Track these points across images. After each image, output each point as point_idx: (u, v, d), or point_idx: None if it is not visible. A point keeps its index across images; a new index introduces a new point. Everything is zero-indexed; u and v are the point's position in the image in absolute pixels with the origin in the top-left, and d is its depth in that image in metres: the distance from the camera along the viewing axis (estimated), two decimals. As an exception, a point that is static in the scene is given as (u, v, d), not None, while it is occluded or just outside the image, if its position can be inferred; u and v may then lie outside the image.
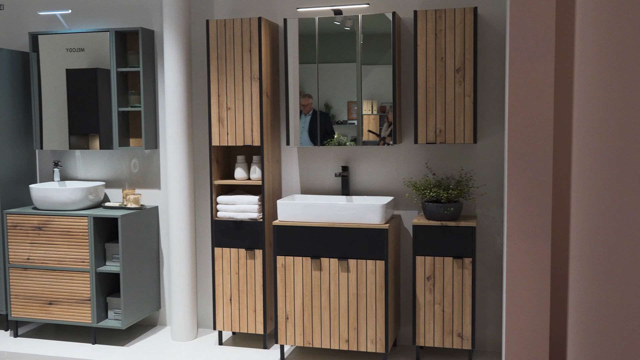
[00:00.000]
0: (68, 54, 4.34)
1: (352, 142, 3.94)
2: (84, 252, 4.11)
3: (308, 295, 3.75)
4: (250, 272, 3.99)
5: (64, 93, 4.39)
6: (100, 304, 4.16)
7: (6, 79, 4.36)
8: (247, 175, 4.08)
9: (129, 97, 4.36)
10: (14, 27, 4.65)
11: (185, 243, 4.22)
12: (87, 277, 4.11)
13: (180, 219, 4.20)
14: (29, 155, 4.59)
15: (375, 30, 3.82)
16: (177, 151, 4.16)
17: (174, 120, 4.15)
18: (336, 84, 3.94)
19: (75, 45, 4.33)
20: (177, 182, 4.18)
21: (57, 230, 4.15)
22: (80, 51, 4.33)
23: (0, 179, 4.34)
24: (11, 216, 4.24)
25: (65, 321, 4.17)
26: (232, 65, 3.92)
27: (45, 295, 4.20)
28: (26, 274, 4.23)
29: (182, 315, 4.24)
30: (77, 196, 4.19)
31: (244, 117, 3.93)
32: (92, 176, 4.60)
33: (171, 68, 4.12)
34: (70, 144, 4.41)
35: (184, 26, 4.12)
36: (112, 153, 4.54)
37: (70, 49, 4.34)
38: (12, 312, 4.27)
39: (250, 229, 3.97)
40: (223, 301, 4.05)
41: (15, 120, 4.44)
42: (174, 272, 4.23)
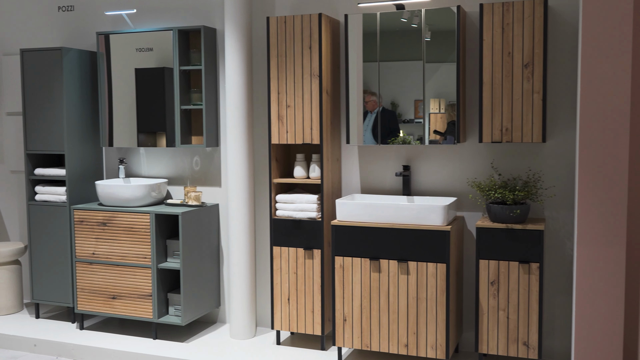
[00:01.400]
0: (137, 53, 4.41)
1: (418, 141, 3.83)
2: (146, 248, 4.16)
3: (366, 297, 3.67)
4: (309, 272, 3.94)
5: (133, 92, 4.47)
6: (161, 299, 4.21)
7: (75, 79, 4.47)
8: (306, 173, 4.03)
9: (191, 95, 4.39)
10: (82, 27, 4.77)
11: (244, 241, 4.21)
12: (149, 273, 4.17)
13: (239, 217, 4.19)
14: (96, 152, 4.70)
15: (439, 26, 3.69)
16: (237, 149, 4.16)
17: (234, 118, 4.15)
18: (402, 81, 3.84)
19: (144, 45, 4.39)
20: (237, 180, 4.17)
21: (121, 226, 4.22)
22: (148, 51, 4.39)
23: (69, 176, 4.45)
24: (78, 212, 4.34)
25: (127, 316, 4.24)
26: (292, 62, 3.88)
27: (109, 290, 4.28)
28: (91, 268, 4.33)
29: (241, 314, 4.24)
30: (140, 193, 4.25)
31: (304, 115, 3.88)
32: (156, 173, 4.66)
33: (232, 66, 4.12)
34: (138, 142, 4.48)
35: (245, 24, 4.11)
36: (174, 151, 4.59)
37: (139, 48, 4.41)
38: (78, 305, 4.38)
39: (308, 229, 3.92)
40: (281, 301, 4.02)
41: (83, 119, 4.55)
42: (233, 270, 4.23)
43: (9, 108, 5.06)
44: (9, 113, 5.07)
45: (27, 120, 4.53)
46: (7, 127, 5.09)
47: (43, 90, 4.45)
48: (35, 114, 4.50)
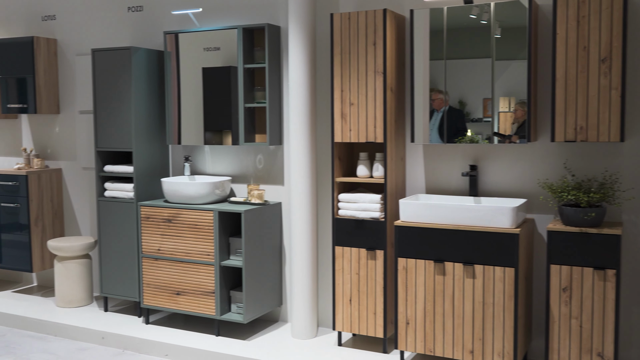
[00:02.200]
0: (205, 53, 4.45)
1: (486, 140, 3.69)
2: (209, 245, 4.19)
3: (430, 300, 3.56)
4: (371, 273, 3.87)
5: (200, 90, 4.51)
6: (224, 297, 4.23)
7: (143, 77, 4.55)
8: (369, 172, 3.96)
9: (255, 93, 4.39)
10: (150, 27, 4.85)
11: (306, 240, 4.17)
12: (212, 270, 4.19)
13: (302, 215, 4.16)
14: (162, 150, 4.77)
15: (509, 22, 3.53)
16: (300, 147, 4.12)
17: (297, 116, 4.11)
18: (469, 80, 3.71)
19: (211, 45, 4.42)
20: (299, 179, 4.14)
21: (185, 223, 4.27)
22: (215, 50, 4.42)
23: (137, 173, 4.54)
24: (144, 208, 4.42)
25: (191, 312, 4.29)
26: (356, 59, 3.81)
27: (174, 286, 4.34)
28: (157, 264, 4.40)
29: (302, 313, 4.21)
30: (204, 190, 4.29)
31: (367, 113, 3.81)
32: (220, 171, 4.69)
33: (296, 63, 4.08)
34: (204, 140, 4.52)
35: (309, 21, 4.07)
36: (238, 149, 4.60)
37: (207, 48, 4.44)
38: (144, 300, 4.46)
39: (371, 229, 3.85)
40: (343, 301, 3.96)
41: (150, 117, 4.63)
42: (295, 269, 4.21)
43: (82, 107, 5.21)
44: (82, 111, 5.22)
45: (98, 119, 4.64)
46: (80, 125, 5.24)
47: (112, 89, 4.56)
48: (105, 112, 4.61)
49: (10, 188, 5.13)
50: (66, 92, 5.30)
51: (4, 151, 5.67)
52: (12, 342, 4.44)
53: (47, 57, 5.20)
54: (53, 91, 5.26)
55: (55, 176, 5.32)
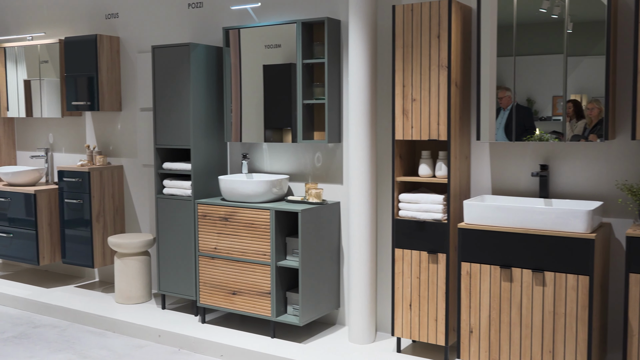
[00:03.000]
0: (266, 50, 4.37)
1: (556, 139, 3.45)
2: (265, 245, 4.10)
3: (496, 308, 3.35)
4: (432, 278, 3.68)
5: (260, 87, 4.42)
6: (279, 298, 4.13)
7: (202, 74, 4.51)
8: (432, 172, 3.77)
9: (313, 90, 4.27)
10: (210, 23, 4.81)
11: (365, 241, 4.03)
12: (268, 270, 4.10)
13: (361, 216, 4.01)
14: (220, 147, 4.72)
15: (584, 16, 3.28)
16: (359, 145, 3.98)
17: (357, 112, 3.97)
18: (539, 76, 3.48)
19: (272, 42, 4.33)
20: (358, 178, 4.00)
21: (242, 221, 4.19)
22: (276, 47, 4.33)
23: (194, 170, 4.50)
24: (201, 206, 4.37)
25: (246, 312, 4.21)
26: (419, 53, 3.64)
27: (230, 285, 4.27)
28: (213, 263, 4.34)
29: (360, 317, 4.06)
30: (261, 189, 4.20)
31: (430, 109, 3.63)
32: (278, 169, 4.60)
33: (356, 58, 3.94)
34: (265, 137, 4.43)
35: (369, 14, 3.92)
36: (296, 146, 4.50)
37: (268, 45, 4.36)
38: (200, 299, 4.42)
39: (433, 231, 3.66)
40: (402, 306, 3.79)
41: (209, 114, 4.58)
42: (353, 271, 4.06)
43: (143, 104, 5.23)
44: (142, 109, 5.24)
45: (157, 116, 4.63)
46: (141, 122, 5.26)
47: (172, 86, 4.53)
48: (164, 109, 4.59)
49: (73, 184, 5.20)
50: (128, 89, 5.33)
51: (69, 148, 5.76)
52: (72, 337, 4.48)
53: (110, 54, 5.24)
54: (115, 89, 5.31)
55: (117, 173, 5.37)
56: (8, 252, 5.51)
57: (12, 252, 5.49)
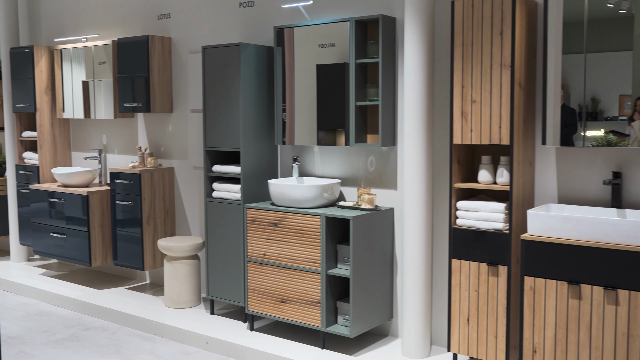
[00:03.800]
0: (320, 49, 4.21)
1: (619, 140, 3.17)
2: (315, 252, 3.94)
3: (562, 327, 3.09)
4: (492, 291, 3.45)
5: (313, 88, 4.27)
6: (330, 307, 3.97)
7: (252, 75, 4.39)
8: (492, 178, 3.53)
9: (367, 90, 4.09)
10: (261, 22, 4.69)
11: (420, 250, 3.82)
12: (318, 279, 3.94)
13: (416, 223, 3.81)
14: (271, 150, 4.59)
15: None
16: (415, 149, 3.78)
17: (412, 114, 3.77)
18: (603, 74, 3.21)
19: (326, 41, 4.17)
20: (414, 183, 3.79)
21: (291, 227, 4.05)
22: (330, 46, 4.17)
23: (244, 173, 4.39)
24: (250, 211, 4.25)
25: (295, 321, 4.07)
26: (479, 51, 3.40)
27: (279, 293, 4.14)
28: (262, 270, 4.22)
29: (414, 329, 3.86)
30: (312, 194, 4.05)
31: (491, 112, 3.39)
32: (329, 173, 4.44)
33: (411, 57, 3.74)
34: (318, 140, 4.27)
35: (427, 10, 3.70)
36: (349, 149, 4.32)
37: (322, 44, 4.20)
38: (249, 306, 4.30)
39: (494, 241, 3.43)
40: (459, 320, 3.57)
41: (259, 116, 4.46)
42: (407, 281, 3.86)
43: (193, 105, 5.16)
44: (193, 110, 5.17)
45: (207, 117, 4.54)
46: (191, 124, 5.19)
47: (222, 87, 4.43)
48: (214, 110, 4.50)
49: (125, 186, 5.17)
50: (179, 90, 5.27)
51: (121, 149, 5.76)
52: (121, 341, 4.44)
53: (162, 55, 5.19)
54: (167, 90, 5.26)
55: (168, 175, 5.32)
56: (62, 253, 5.55)
57: (65, 253, 5.51)
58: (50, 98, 5.99)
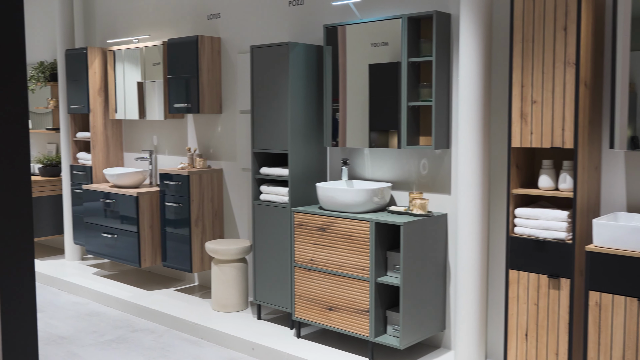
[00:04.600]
0: (372, 48, 4.06)
1: None
2: (364, 259, 3.79)
3: (632, 347, 2.84)
4: (553, 306, 3.22)
5: (366, 89, 4.11)
6: (379, 317, 3.81)
7: (301, 75, 4.27)
8: (554, 184, 3.30)
9: (420, 91, 3.91)
10: (310, 20, 4.56)
11: (475, 259, 3.62)
12: (367, 287, 3.79)
13: (470, 231, 3.61)
14: (320, 152, 4.46)
15: None
16: (470, 152, 3.57)
17: (468, 116, 3.57)
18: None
19: (379, 40, 4.02)
20: (468, 188, 3.59)
21: (339, 232, 3.91)
22: (383, 45, 4.01)
23: (292, 176, 4.27)
24: (298, 214, 4.13)
25: (342, 330, 3.92)
26: (541, 48, 3.18)
27: (326, 300, 4.00)
28: (309, 275, 4.09)
29: (468, 342, 3.66)
30: (361, 198, 3.89)
31: (554, 113, 3.16)
32: (380, 176, 4.27)
33: (467, 55, 3.54)
34: (370, 142, 4.11)
35: (484, 5, 3.50)
36: (400, 152, 4.15)
37: (375, 43, 4.05)
38: (296, 313, 4.18)
39: (555, 252, 3.20)
40: (517, 335, 3.35)
41: (308, 117, 4.34)
42: (461, 291, 3.67)
43: (242, 106, 5.08)
44: (242, 111, 5.09)
45: (255, 118, 4.45)
46: (240, 125, 5.12)
47: (270, 88, 4.33)
48: (261, 111, 4.40)
49: (174, 187, 5.14)
50: (228, 91, 5.21)
51: (172, 150, 5.74)
52: (167, 344, 4.39)
53: (211, 56, 5.14)
54: (216, 90, 5.20)
55: (216, 177, 5.26)
56: (113, 253, 5.57)
57: (116, 253, 5.53)
58: (103, 99, 6.03)
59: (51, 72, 6.66)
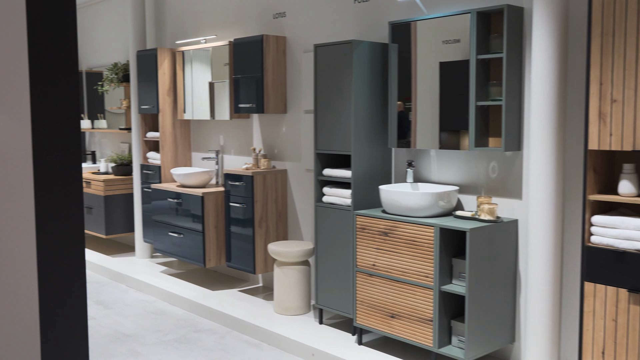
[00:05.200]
0: (443, 46, 3.89)
1: None
2: (428, 265, 3.62)
3: None
4: (634, 322, 2.95)
5: (436, 88, 3.93)
6: (443, 327, 3.64)
7: (365, 74, 4.14)
8: (636, 190, 3.03)
9: (489, 89, 3.70)
10: (375, 17, 4.42)
11: (547, 269, 3.38)
12: (431, 295, 3.62)
13: (542, 239, 3.38)
14: (384, 153, 4.32)
15: None
16: (543, 155, 3.35)
17: (540, 116, 3.34)
18: None
19: (450, 37, 3.84)
20: (541, 193, 3.36)
21: (402, 237, 3.76)
22: (455, 42, 3.83)
23: (354, 178, 4.15)
24: (360, 218, 4.01)
25: (405, 339, 3.77)
26: (622, 42, 2.92)
27: (388, 307, 3.86)
28: (371, 281, 3.96)
29: (539, 357, 3.43)
30: (425, 202, 3.73)
31: (636, 113, 2.90)
32: (447, 179, 4.09)
33: (541, 51, 3.31)
34: (440, 143, 3.93)
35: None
36: (468, 154, 3.95)
37: (446, 40, 3.88)
38: (357, 319, 4.06)
39: (636, 264, 2.93)
40: (593, 352, 3.10)
41: (372, 117, 4.21)
42: (532, 302, 3.44)
43: (307, 106, 5.01)
44: (306, 111, 5.02)
45: (318, 118, 4.36)
46: (305, 125, 5.04)
47: (333, 87, 4.23)
48: (325, 111, 4.30)
49: (238, 188, 5.12)
50: (293, 91, 5.14)
51: (237, 150, 5.74)
52: (228, 346, 4.37)
53: (276, 55, 5.08)
54: (281, 90, 5.14)
55: (281, 177, 5.20)
56: (179, 252, 5.62)
57: (182, 252, 5.58)
58: (172, 99, 6.10)
59: (124, 73, 6.81)
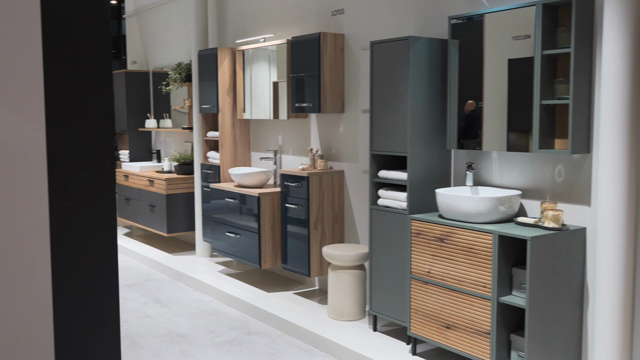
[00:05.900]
0: (513, 42, 3.66)
1: None
2: (486, 275, 3.41)
3: None
4: None
5: (504, 86, 3.70)
6: (501, 340, 3.42)
7: (423, 71, 3.95)
8: None
9: (555, 87, 3.44)
10: (435, 13, 4.22)
11: (617, 281, 3.11)
12: (488, 306, 3.41)
13: (613, 248, 3.11)
14: (443, 155, 4.12)
15: None
16: (613, 158, 3.08)
17: (612, 116, 3.08)
18: None
19: (520, 32, 3.61)
20: (610, 200, 3.10)
21: (459, 244, 3.55)
22: (526, 38, 3.60)
23: (411, 181, 3.97)
24: (415, 222, 3.83)
25: (461, 351, 3.57)
26: None
27: (443, 317, 3.67)
28: (426, 289, 3.78)
29: (607, 377, 3.16)
30: (484, 207, 3.51)
31: None
32: (508, 183, 3.85)
33: (612, 46, 3.04)
34: (507, 145, 3.69)
35: (634, -14, 2.99)
36: (532, 156, 3.70)
37: (516, 36, 3.65)
38: (411, 328, 3.89)
39: None
40: (667, 376, 2.82)
41: (430, 116, 4.02)
42: (601, 317, 3.18)
43: (365, 105, 4.86)
44: (364, 110, 4.87)
45: (374, 118, 4.20)
46: (362, 125, 4.89)
47: (389, 86, 4.06)
48: (381, 111, 4.14)
49: (294, 189, 5.04)
50: (351, 90, 5.00)
51: (295, 151, 5.66)
52: (279, 350, 4.29)
53: (334, 53, 4.96)
54: (338, 89, 5.01)
55: (337, 178, 5.08)
56: (236, 252, 5.59)
57: (239, 253, 5.55)
58: (231, 99, 6.09)
59: (187, 73, 6.86)
